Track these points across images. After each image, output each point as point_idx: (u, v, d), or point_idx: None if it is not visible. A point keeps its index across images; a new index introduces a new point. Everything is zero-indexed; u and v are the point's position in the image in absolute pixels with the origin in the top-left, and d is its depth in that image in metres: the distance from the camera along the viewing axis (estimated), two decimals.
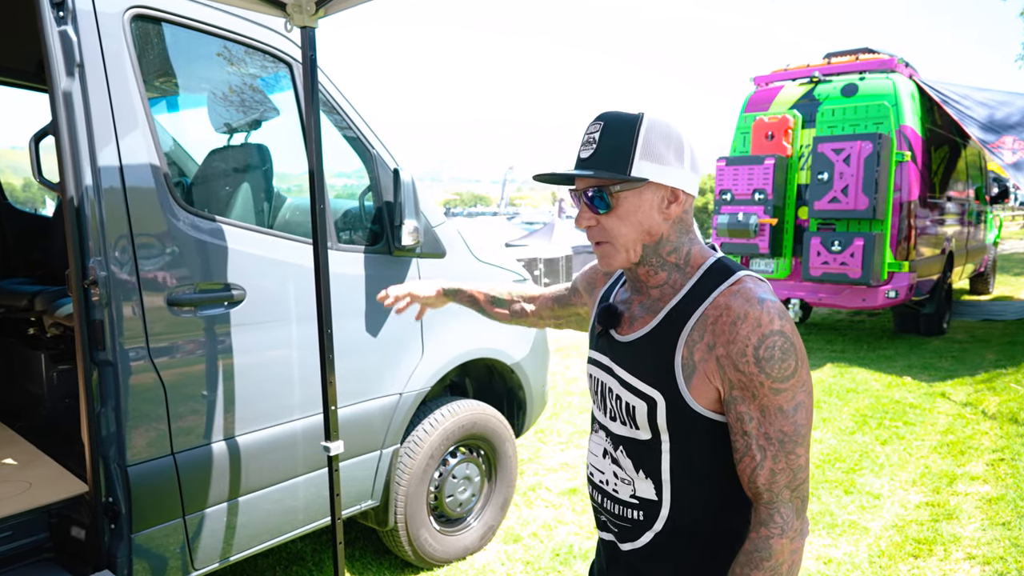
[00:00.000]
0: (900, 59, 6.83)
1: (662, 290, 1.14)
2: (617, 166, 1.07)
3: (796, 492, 1.03)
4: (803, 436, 1.03)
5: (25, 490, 2.24)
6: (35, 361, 3.00)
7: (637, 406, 1.11)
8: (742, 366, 1.01)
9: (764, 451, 1.02)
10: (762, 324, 1.01)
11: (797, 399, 1.02)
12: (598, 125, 1.10)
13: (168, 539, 2.12)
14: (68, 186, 1.90)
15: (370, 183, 2.72)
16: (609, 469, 1.19)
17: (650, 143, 1.07)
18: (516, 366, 3.29)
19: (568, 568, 3.03)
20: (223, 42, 2.32)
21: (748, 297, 1.03)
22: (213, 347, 2.18)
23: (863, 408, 5.14)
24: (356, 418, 2.58)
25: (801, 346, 1.04)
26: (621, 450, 1.17)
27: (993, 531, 3.18)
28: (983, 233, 9.83)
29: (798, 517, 1.03)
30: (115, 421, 1.99)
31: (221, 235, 2.20)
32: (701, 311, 1.07)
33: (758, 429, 1.02)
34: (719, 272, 1.10)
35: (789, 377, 1.01)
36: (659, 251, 1.12)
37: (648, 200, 1.09)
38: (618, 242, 1.11)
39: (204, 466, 2.17)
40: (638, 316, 1.16)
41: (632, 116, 1.09)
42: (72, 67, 1.90)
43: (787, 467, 1.02)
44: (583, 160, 1.10)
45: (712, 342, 1.04)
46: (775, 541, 1.02)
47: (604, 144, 1.08)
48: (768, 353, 1.00)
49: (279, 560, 3.15)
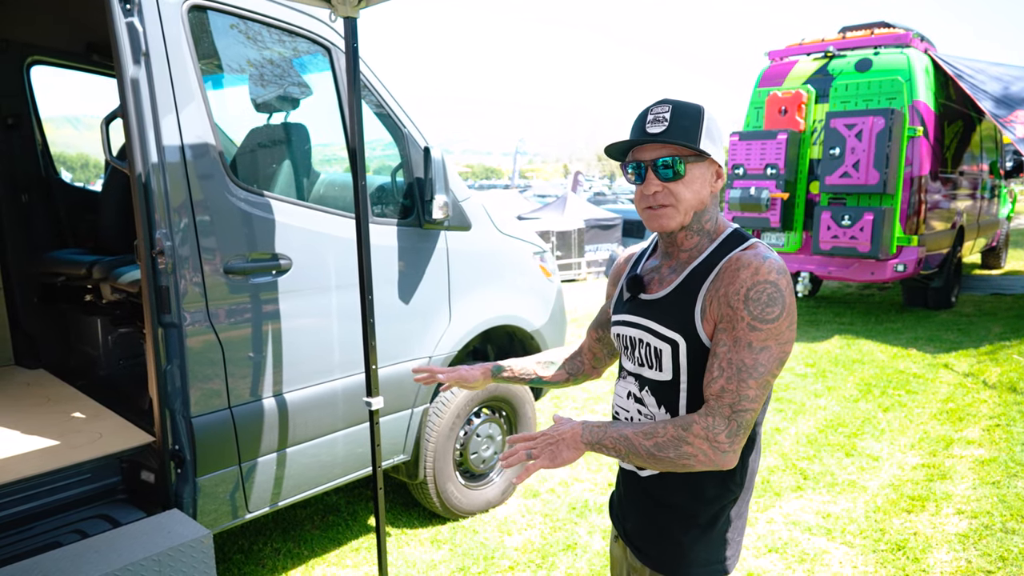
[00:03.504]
0: (916, 33, 6.85)
1: (691, 253, 1.32)
2: (691, 139, 1.25)
3: (735, 415, 1.16)
4: (760, 374, 1.17)
5: (97, 439, 2.48)
6: (92, 326, 3.24)
7: (663, 349, 1.29)
8: (733, 302, 1.19)
9: (722, 371, 1.18)
10: (759, 272, 1.18)
11: (766, 343, 1.17)
12: (666, 107, 1.27)
13: (227, 484, 2.36)
14: (136, 164, 2.10)
15: (401, 160, 2.90)
16: (634, 408, 1.38)
17: (710, 126, 1.27)
18: (536, 333, 3.50)
19: (584, 520, 3.26)
20: (268, 28, 2.49)
21: (756, 253, 1.22)
22: (263, 312, 2.40)
23: (868, 377, 5.32)
24: (390, 378, 2.80)
25: (792, 303, 1.19)
26: (647, 390, 1.35)
27: (983, 489, 3.38)
28: (996, 207, 9.86)
29: (728, 436, 1.16)
30: (180, 377, 2.21)
31: (269, 209, 2.40)
32: (720, 267, 1.25)
33: (725, 354, 1.19)
34: (737, 238, 1.30)
35: (768, 321, 1.17)
36: (701, 218, 1.31)
37: (704, 174, 1.29)
38: (681, 206, 1.27)
39: (257, 419, 2.40)
40: (667, 276, 1.34)
41: (696, 104, 1.29)
42: (139, 55, 2.09)
43: (735, 390, 1.16)
44: (654, 134, 1.26)
45: (719, 286, 1.22)
46: (696, 426, 1.16)
47: (675, 122, 1.25)
48: (756, 295, 1.17)
49: (316, 511, 3.41)
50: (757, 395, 1.18)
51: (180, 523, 2.10)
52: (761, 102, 7.38)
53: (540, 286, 3.58)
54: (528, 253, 3.53)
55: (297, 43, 2.62)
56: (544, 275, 3.63)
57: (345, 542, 3.14)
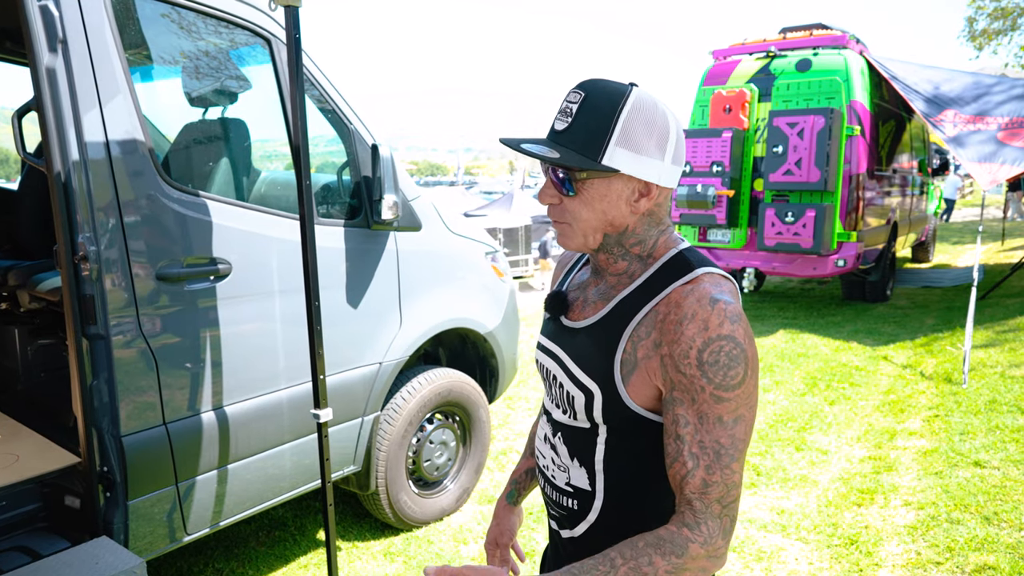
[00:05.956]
0: (852, 36, 7.06)
1: (619, 279, 1.07)
2: (589, 149, 0.96)
3: (727, 509, 0.95)
4: (740, 451, 0.95)
5: (13, 462, 2.27)
6: (7, 336, 2.99)
7: (576, 396, 1.07)
8: (684, 368, 0.94)
9: (697, 459, 0.94)
10: (710, 327, 0.93)
11: (739, 412, 0.94)
12: (578, 95, 0.98)
13: (162, 505, 2.19)
14: (54, 162, 1.92)
15: (347, 158, 2.77)
16: (549, 455, 1.16)
17: (630, 128, 0.97)
18: (489, 335, 3.41)
19: (541, 526, 3.20)
20: (201, 16, 2.32)
21: (701, 296, 0.95)
22: (201, 320, 2.24)
23: (813, 371, 5.45)
24: (339, 387, 2.67)
25: (754, 355, 0.96)
26: (559, 436, 1.13)
27: (927, 480, 3.48)
28: (925, 204, 10.29)
29: (723, 537, 0.95)
30: (108, 393, 2.04)
31: (205, 210, 2.24)
32: (651, 306, 1.00)
33: (692, 436, 0.94)
34: (678, 266, 1.02)
35: (734, 387, 0.93)
36: (622, 242, 1.05)
37: (616, 190, 1.00)
38: (577, 226, 1.03)
39: (195, 435, 2.24)
40: (591, 301, 1.10)
41: (617, 91, 0.97)
42: (55, 43, 1.90)
43: (721, 481, 0.94)
44: (556, 132, 1.00)
45: (658, 340, 0.97)
46: (694, 547, 0.93)
47: (580, 121, 0.97)
48: (712, 358, 0.92)
49: (262, 526, 3.24)
50: (741, 476, 0.97)
51: (110, 551, 1.93)
52: (706, 100, 7.49)
53: (493, 287, 3.49)
54: (480, 253, 3.44)
55: (235, 33, 2.45)
56: (496, 275, 3.55)
57: (293, 559, 2.99)
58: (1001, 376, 4.90)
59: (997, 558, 2.71)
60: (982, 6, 17.39)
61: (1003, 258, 11.06)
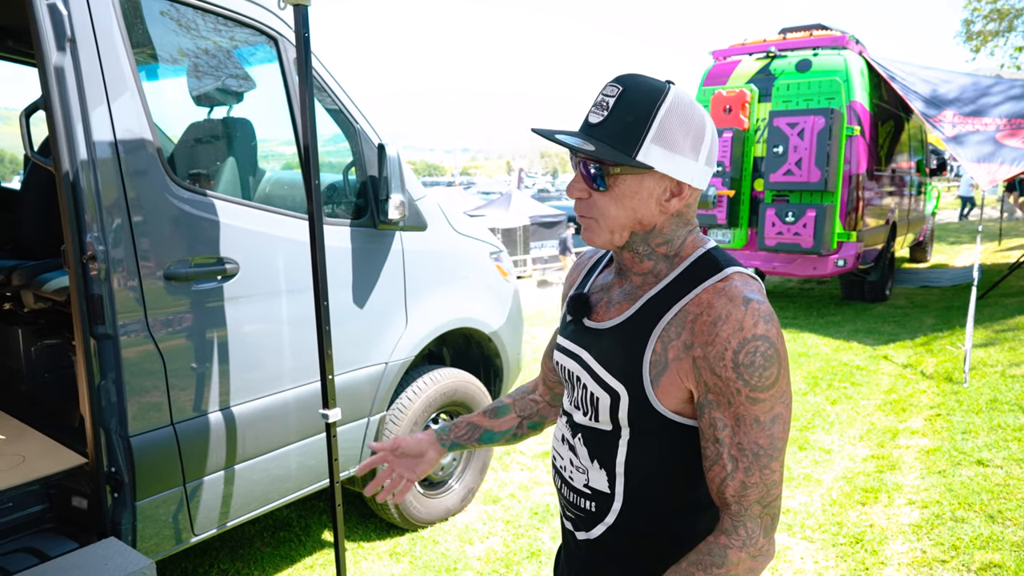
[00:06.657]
0: (851, 36, 7.08)
1: (645, 278, 1.05)
2: (624, 144, 0.95)
3: (767, 509, 0.95)
4: (779, 450, 0.95)
5: (19, 463, 2.26)
6: (12, 336, 2.98)
7: (601, 398, 1.05)
8: (719, 370, 0.93)
9: (736, 462, 0.94)
10: (744, 327, 0.92)
11: (775, 411, 0.94)
12: (616, 89, 0.96)
13: (170, 506, 2.18)
14: (62, 161, 1.91)
15: (354, 158, 2.76)
16: (567, 456, 1.14)
17: (667, 126, 0.95)
18: (494, 335, 3.41)
19: (546, 525, 3.20)
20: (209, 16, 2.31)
21: (733, 296, 0.94)
22: (208, 320, 2.23)
23: (814, 371, 5.45)
24: (345, 387, 2.66)
25: (785, 353, 0.96)
26: (579, 438, 1.11)
27: (930, 479, 3.48)
28: (923, 204, 10.32)
29: (765, 535, 0.95)
30: (116, 393, 2.03)
31: (213, 209, 2.23)
32: (681, 306, 0.98)
33: (731, 438, 0.94)
34: (706, 265, 1.00)
35: (769, 387, 0.93)
36: (648, 241, 1.03)
37: (648, 188, 0.98)
38: (604, 222, 1.01)
39: (203, 435, 2.23)
40: (615, 302, 1.08)
41: (656, 88, 0.96)
42: (63, 41, 1.89)
43: (760, 481, 0.94)
44: (591, 125, 0.98)
45: (690, 341, 0.96)
46: (733, 552, 0.94)
47: (616, 115, 0.95)
48: (748, 359, 0.91)
49: (267, 527, 3.23)
50: (782, 474, 0.97)
51: (119, 552, 1.93)
52: (706, 101, 7.49)
53: (497, 287, 3.49)
54: (484, 253, 3.44)
55: (242, 32, 2.44)
56: (501, 275, 3.55)
57: (299, 559, 2.98)
58: (1002, 375, 4.92)
59: (1002, 556, 2.72)
60: (978, 8, 17.47)
61: (1000, 258, 11.09)
